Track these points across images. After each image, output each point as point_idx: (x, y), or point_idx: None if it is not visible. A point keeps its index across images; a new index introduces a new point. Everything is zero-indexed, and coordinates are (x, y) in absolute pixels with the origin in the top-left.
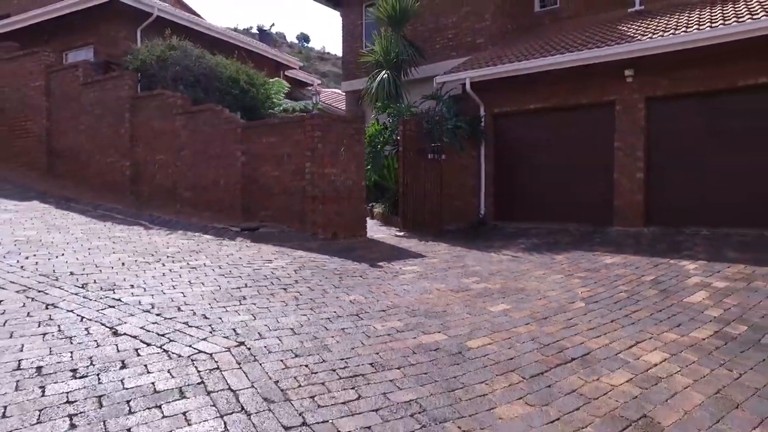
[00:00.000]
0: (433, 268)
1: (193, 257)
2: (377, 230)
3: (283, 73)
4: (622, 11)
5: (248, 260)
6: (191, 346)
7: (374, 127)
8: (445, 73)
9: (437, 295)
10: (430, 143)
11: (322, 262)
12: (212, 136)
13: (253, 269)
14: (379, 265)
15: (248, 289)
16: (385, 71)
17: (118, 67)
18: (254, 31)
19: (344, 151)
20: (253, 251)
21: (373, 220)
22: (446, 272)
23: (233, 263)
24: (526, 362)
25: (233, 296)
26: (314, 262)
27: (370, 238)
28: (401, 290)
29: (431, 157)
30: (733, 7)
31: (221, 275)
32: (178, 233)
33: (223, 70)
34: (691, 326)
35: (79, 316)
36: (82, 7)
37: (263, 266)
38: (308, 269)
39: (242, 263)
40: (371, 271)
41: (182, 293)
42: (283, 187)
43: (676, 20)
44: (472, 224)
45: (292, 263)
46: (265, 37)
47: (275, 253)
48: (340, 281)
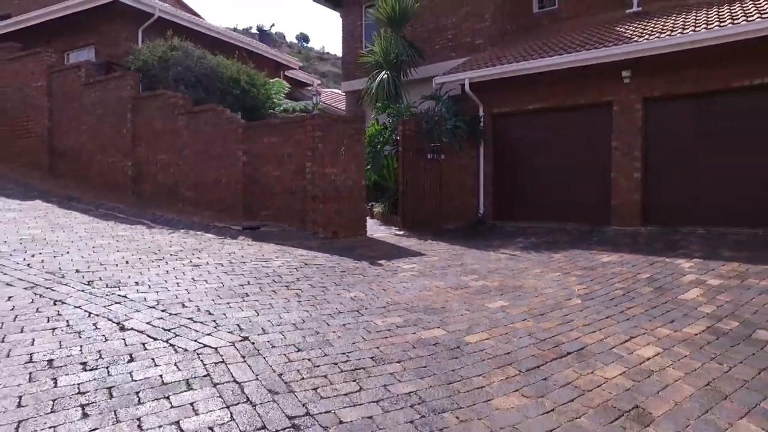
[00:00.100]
0: (432, 266)
1: (195, 255)
2: (377, 229)
3: (283, 73)
4: (620, 12)
5: (250, 258)
6: (196, 340)
7: (374, 127)
8: (444, 73)
9: (436, 292)
10: (429, 143)
11: (323, 260)
12: (214, 136)
13: (255, 267)
14: (379, 263)
15: (251, 286)
16: (384, 72)
17: (119, 67)
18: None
19: (344, 151)
20: (254, 250)
21: (372, 219)
22: (445, 270)
23: (235, 261)
24: (522, 356)
25: (236, 293)
26: (315, 260)
27: (370, 237)
28: (401, 287)
29: (431, 157)
30: (728, 9)
31: (224, 273)
32: (180, 232)
33: (224, 70)
34: (684, 322)
35: (86, 311)
36: (83, 7)
37: (265, 264)
38: (309, 267)
39: (244, 261)
40: (371, 269)
41: (186, 290)
42: (284, 186)
43: (672, 22)
44: (471, 223)
45: (293, 261)
46: (265, 37)
47: (276, 251)
48: (340, 279)
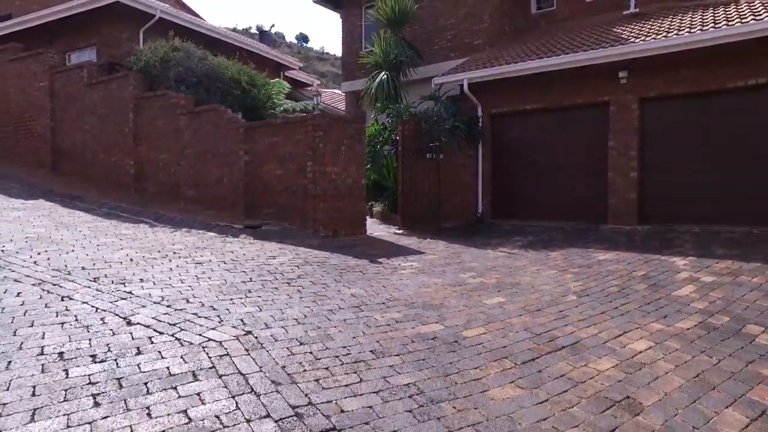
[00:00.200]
0: (431, 263)
1: (198, 253)
2: (377, 228)
3: (283, 73)
4: (617, 13)
5: (252, 256)
6: (201, 334)
7: (374, 127)
8: (443, 74)
9: (435, 289)
10: (428, 143)
11: (323, 258)
12: (215, 135)
13: (257, 264)
14: (378, 261)
15: (253, 283)
16: (384, 72)
17: (121, 68)
18: (253, 31)
19: (345, 150)
20: (256, 248)
21: (372, 218)
22: (444, 268)
23: (237, 259)
24: (518, 350)
25: (239, 290)
26: (316, 258)
27: (369, 235)
28: (400, 284)
29: (430, 156)
30: (724, 10)
31: (227, 270)
32: (182, 230)
33: (224, 71)
34: (676, 317)
35: (93, 307)
36: (85, 8)
37: (267, 262)
38: (310, 265)
39: (246, 259)
40: (371, 266)
41: (190, 287)
42: (285, 185)
43: (669, 23)
44: (469, 222)
45: (294, 259)
46: (264, 37)
47: (278, 249)
48: (341, 276)
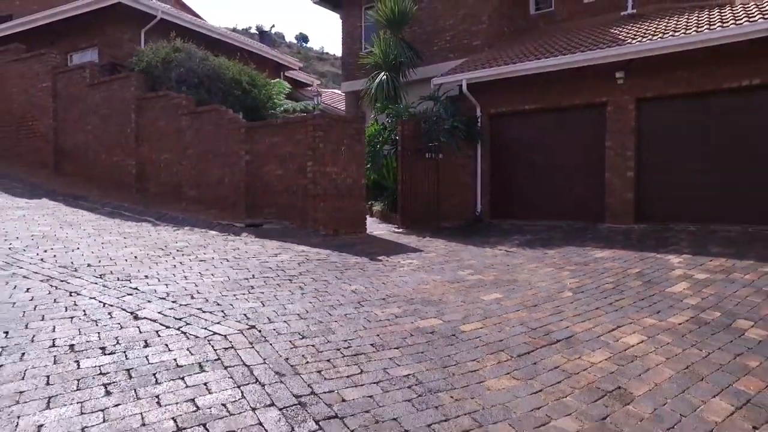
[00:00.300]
0: (430, 261)
1: (201, 251)
2: (376, 227)
3: (283, 74)
4: (614, 14)
5: (254, 254)
6: (206, 328)
7: (374, 127)
8: (442, 74)
9: (434, 285)
10: (427, 143)
11: (324, 256)
12: (217, 136)
13: (259, 262)
14: (378, 259)
15: (255, 279)
16: (384, 73)
17: (123, 68)
18: (253, 31)
19: (345, 150)
20: (258, 246)
21: (372, 217)
22: (443, 265)
23: (240, 257)
24: (514, 343)
25: (242, 286)
26: (317, 256)
27: (369, 234)
28: (400, 281)
29: (429, 156)
30: (719, 12)
31: (229, 267)
32: (185, 229)
33: (226, 71)
34: (669, 313)
35: (100, 302)
36: (87, 9)
37: (268, 260)
38: (311, 262)
39: (248, 257)
40: (371, 264)
41: (194, 283)
42: (285, 185)
43: (665, 24)
44: (468, 221)
45: (295, 257)
46: (264, 37)
47: (279, 247)
48: (341, 273)
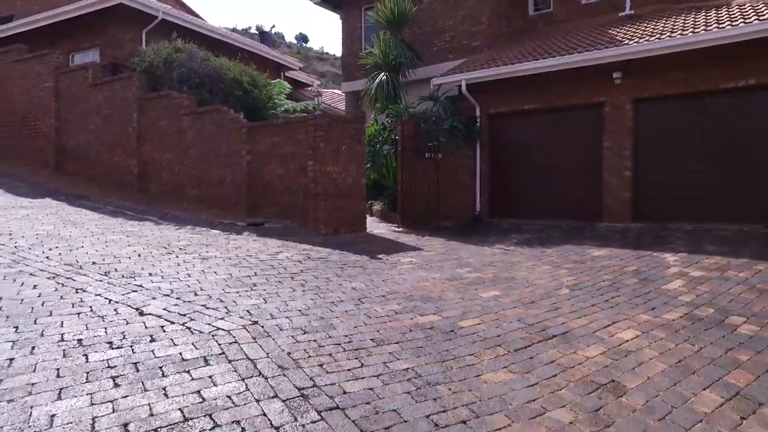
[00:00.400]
0: (429, 259)
1: (203, 249)
2: (376, 226)
3: (283, 74)
4: (612, 15)
5: (255, 252)
6: (210, 324)
7: (373, 127)
8: (441, 75)
9: (433, 283)
10: (427, 143)
11: (325, 254)
12: (218, 136)
13: (260, 260)
14: (378, 257)
15: (257, 277)
16: (384, 73)
17: (125, 68)
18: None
19: (345, 150)
20: (259, 244)
21: (372, 217)
22: (442, 263)
23: (242, 255)
24: (511, 339)
25: (244, 283)
26: (318, 254)
27: (369, 233)
28: (399, 279)
29: (428, 156)
30: (716, 13)
31: (232, 265)
32: (187, 228)
33: (227, 71)
34: (664, 309)
35: (106, 299)
36: (89, 10)
37: (270, 258)
38: (312, 260)
39: (250, 255)
40: (371, 262)
41: (197, 281)
42: (286, 185)
43: (663, 25)
44: (467, 221)
45: (296, 255)
46: (265, 38)
47: (280, 246)
48: (342, 271)
